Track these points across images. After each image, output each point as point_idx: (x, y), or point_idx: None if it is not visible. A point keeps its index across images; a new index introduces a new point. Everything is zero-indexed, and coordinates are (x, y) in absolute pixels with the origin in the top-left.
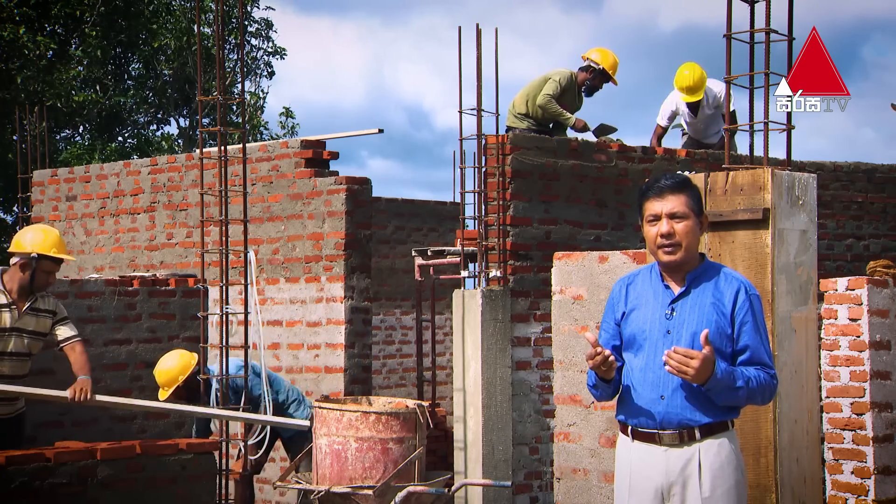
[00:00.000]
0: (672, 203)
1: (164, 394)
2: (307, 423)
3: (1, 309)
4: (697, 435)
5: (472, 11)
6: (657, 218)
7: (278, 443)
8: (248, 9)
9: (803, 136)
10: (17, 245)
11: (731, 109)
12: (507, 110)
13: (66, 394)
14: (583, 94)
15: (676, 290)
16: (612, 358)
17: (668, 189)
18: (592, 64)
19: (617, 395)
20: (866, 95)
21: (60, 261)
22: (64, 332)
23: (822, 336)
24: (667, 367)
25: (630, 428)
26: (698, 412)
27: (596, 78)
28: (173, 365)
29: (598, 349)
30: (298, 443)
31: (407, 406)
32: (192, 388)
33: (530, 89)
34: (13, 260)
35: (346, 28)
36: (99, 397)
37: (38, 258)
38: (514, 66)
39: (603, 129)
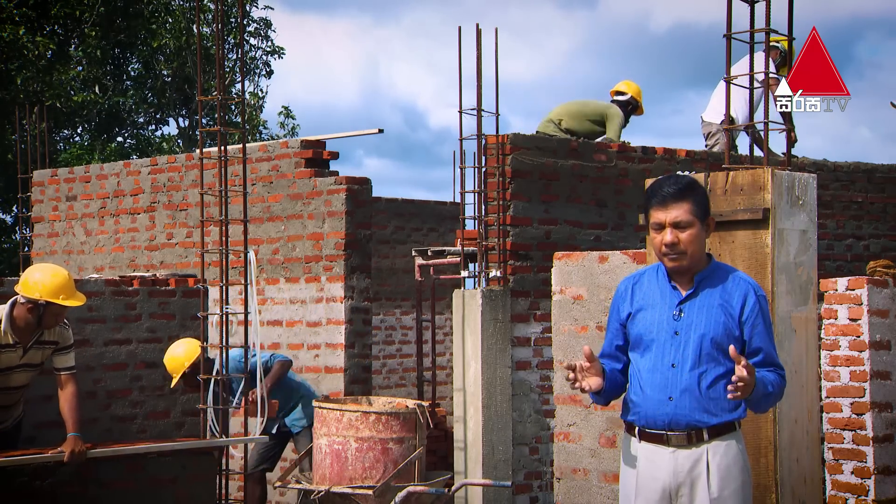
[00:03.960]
0: (675, 212)
1: (173, 381)
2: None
3: (7, 349)
4: (706, 436)
5: (465, 9)
6: (661, 227)
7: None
8: (248, 8)
9: (800, 136)
10: (25, 287)
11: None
12: (546, 119)
13: (62, 456)
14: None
15: (684, 291)
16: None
17: (671, 197)
18: (630, 100)
19: (621, 397)
20: (861, 94)
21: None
22: (62, 361)
23: (822, 336)
24: (734, 395)
25: (637, 429)
26: (707, 413)
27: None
28: (180, 353)
29: (571, 370)
30: (303, 440)
31: (407, 406)
32: (197, 375)
33: (586, 111)
34: (21, 300)
35: (336, 26)
36: (92, 453)
37: (46, 304)
38: (508, 64)
39: None
